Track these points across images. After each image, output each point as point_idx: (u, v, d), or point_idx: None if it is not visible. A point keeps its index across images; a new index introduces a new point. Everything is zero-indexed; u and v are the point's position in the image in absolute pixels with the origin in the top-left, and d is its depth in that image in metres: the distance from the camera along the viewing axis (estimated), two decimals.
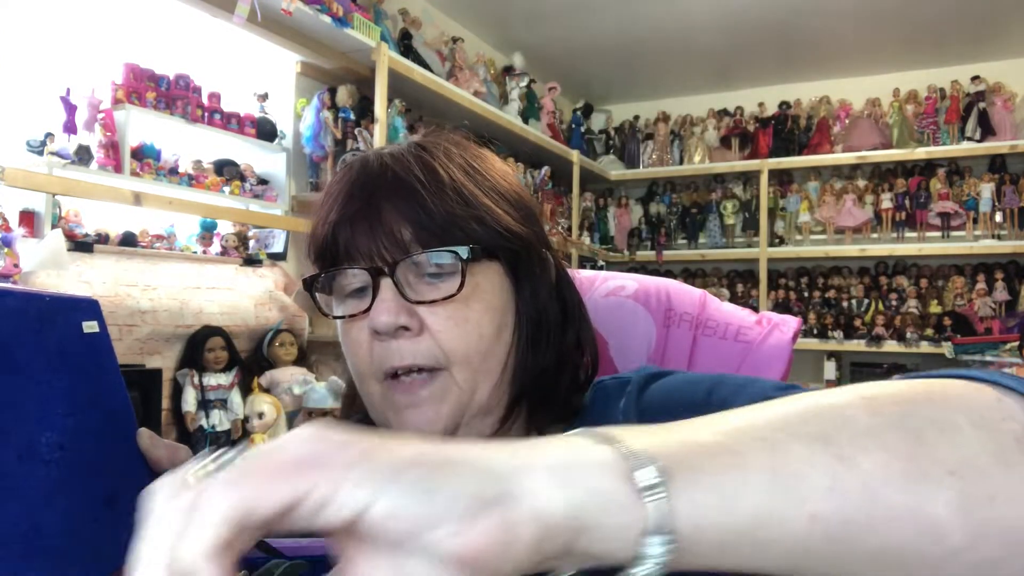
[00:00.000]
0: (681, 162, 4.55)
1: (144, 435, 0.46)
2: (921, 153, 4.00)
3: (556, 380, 0.63)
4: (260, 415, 2.31)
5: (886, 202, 4.09)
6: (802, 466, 0.31)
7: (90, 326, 0.43)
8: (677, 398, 0.58)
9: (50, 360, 0.39)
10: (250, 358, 2.42)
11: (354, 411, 0.69)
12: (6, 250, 1.71)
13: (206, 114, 2.28)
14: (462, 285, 0.56)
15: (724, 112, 4.55)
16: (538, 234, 0.64)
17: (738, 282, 4.46)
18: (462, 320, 0.57)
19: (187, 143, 2.30)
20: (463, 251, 0.56)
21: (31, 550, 0.35)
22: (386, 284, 0.56)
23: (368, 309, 0.57)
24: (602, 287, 0.92)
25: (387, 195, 0.58)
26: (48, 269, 1.80)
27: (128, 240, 2.08)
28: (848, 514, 0.31)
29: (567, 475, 0.29)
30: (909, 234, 4.05)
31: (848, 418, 0.34)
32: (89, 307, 0.43)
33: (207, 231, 2.36)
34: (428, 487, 0.27)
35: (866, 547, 0.32)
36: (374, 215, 0.57)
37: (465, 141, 0.64)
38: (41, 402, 0.38)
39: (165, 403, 2.15)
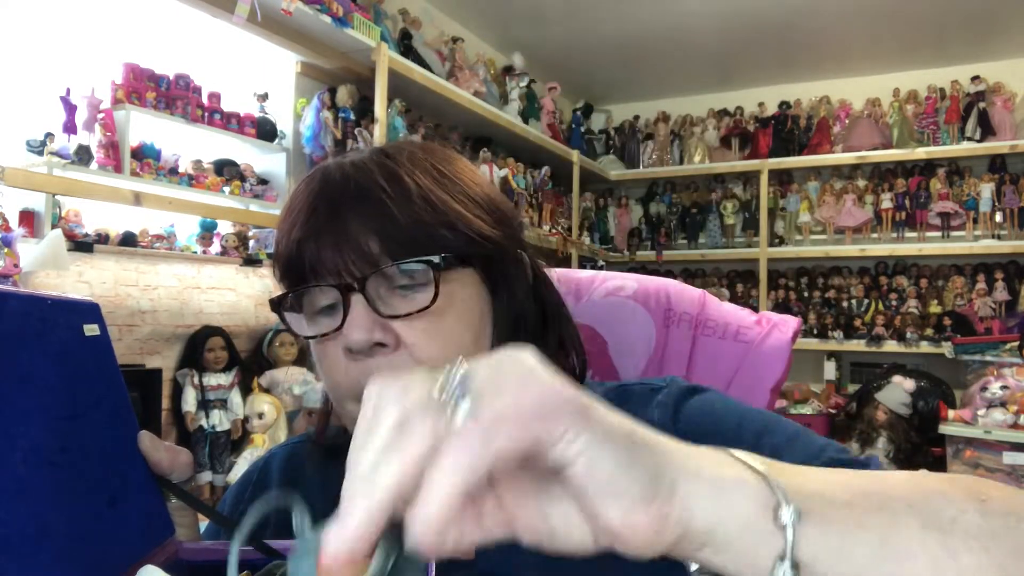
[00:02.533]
0: (681, 162, 4.55)
1: (145, 437, 0.46)
2: (921, 153, 3.99)
3: None
4: (260, 415, 2.31)
5: (886, 202, 4.08)
6: (912, 544, 0.34)
7: (91, 329, 0.43)
8: (722, 429, 0.57)
9: (53, 363, 0.39)
10: (250, 358, 2.42)
11: (333, 423, 0.67)
12: (6, 250, 1.71)
13: (206, 114, 2.27)
14: (436, 296, 0.54)
15: (724, 112, 4.55)
16: (513, 236, 0.62)
17: (738, 282, 4.46)
18: (437, 332, 0.55)
19: (187, 143, 2.29)
20: (434, 260, 0.54)
21: (39, 551, 0.35)
22: (357, 300, 0.54)
23: (340, 327, 0.54)
24: (601, 287, 0.92)
25: (351, 207, 0.55)
26: (48, 269, 1.80)
27: (128, 240, 2.08)
28: None
29: (721, 491, 0.33)
30: (909, 234, 4.05)
31: (961, 514, 0.36)
32: (90, 310, 0.43)
33: (207, 231, 2.36)
34: (628, 459, 0.31)
35: None
36: (339, 229, 0.55)
37: (432, 145, 0.62)
38: (44, 405, 0.38)
39: (165, 403, 2.16)
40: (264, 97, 2.55)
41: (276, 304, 0.58)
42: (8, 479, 0.35)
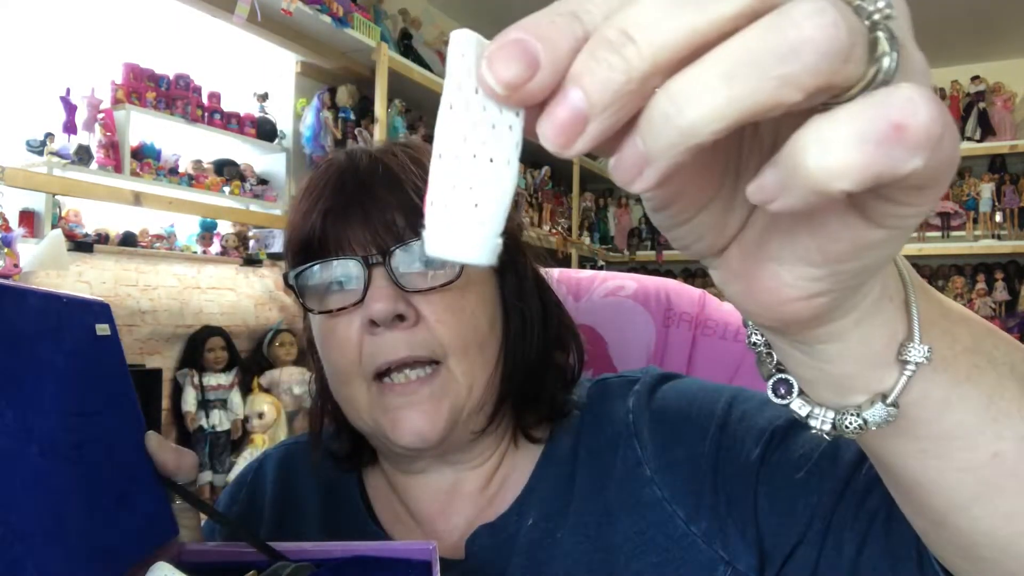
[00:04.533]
0: None
1: (152, 438, 0.46)
2: None
3: (542, 377, 0.63)
4: (260, 415, 2.31)
5: None
6: (1012, 406, 0.32)
7: (102, 329, 0.43)
8: (696, 405, 0.58)
9: (67, 360, 0.40)
10: (250, 358, 2.42)
11: (328, 421, 0.66)
12: (6, 250, 1.71)
13: (206, 114, 2.28)
14: (461, 272, 0.55)
15: None
16: (520, 227, 0.65)
17: None
18: (459, 309, 0.56)
19: (187, 143, 2.30)
20: None
21: (50, 541, 0.36)
22: (380, 273, 0.55)
23: (360, 301, 0.55)
24: (601, 287, 0.92)
25: (380, 184, 0.57)
26: (48, 269, 1.80)
27: (128, 240, 2.08)
28: None
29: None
30: None
31: None
32: (101, 310, 0.44)
33: (207, 231, 2.36)
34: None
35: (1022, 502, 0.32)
36: (368, 203, 0.56)
37: None
38: (59, 400, 0.39)
39: (165, 403, 2.16)
40: (264, 97, 2.55)
41: (293, 277, 0.58)
42: (26, 471, 0.35)
